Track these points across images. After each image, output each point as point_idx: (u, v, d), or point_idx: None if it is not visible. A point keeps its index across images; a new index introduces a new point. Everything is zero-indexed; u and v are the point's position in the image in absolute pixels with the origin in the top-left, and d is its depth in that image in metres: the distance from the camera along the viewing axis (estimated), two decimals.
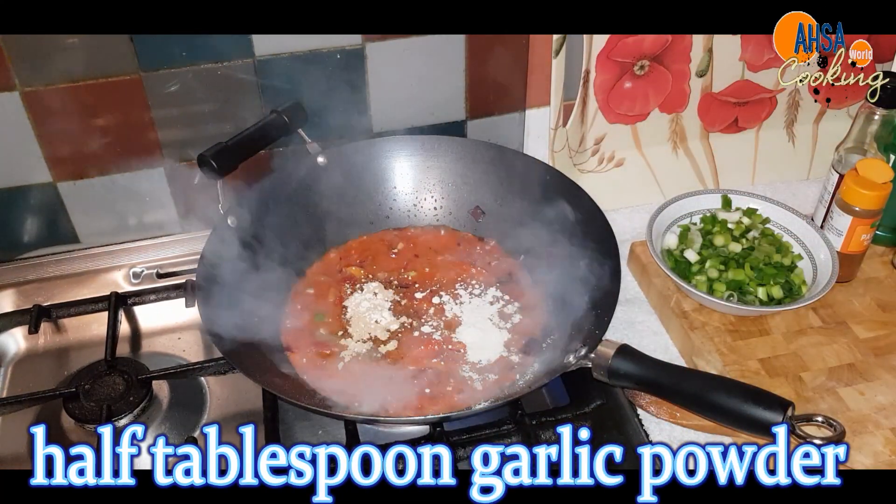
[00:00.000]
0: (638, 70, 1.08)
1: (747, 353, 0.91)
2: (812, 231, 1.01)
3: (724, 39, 1.08)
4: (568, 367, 0.82)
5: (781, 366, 0.90)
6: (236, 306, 0.90)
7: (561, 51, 1.04)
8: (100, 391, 0.92)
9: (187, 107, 1.02)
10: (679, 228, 1.05)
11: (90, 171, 1.04)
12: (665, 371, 0.79)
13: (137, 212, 1.10)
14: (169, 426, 0.93)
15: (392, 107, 1.11)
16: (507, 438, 0.87)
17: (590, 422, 0.89)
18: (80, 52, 0.94)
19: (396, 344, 0.95)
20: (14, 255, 1.09)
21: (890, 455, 0.81)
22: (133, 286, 1.08)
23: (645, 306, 1.02)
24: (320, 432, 0.93)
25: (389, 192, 1.11)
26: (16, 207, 1.05)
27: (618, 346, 0.80)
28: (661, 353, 0.94)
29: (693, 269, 0.99)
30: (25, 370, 1.00)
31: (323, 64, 1.03)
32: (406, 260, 1.06)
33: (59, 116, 0.98)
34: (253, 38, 0.99)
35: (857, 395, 0.87)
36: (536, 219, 1.04)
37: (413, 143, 1.10)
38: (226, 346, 0.85)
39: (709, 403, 0.76)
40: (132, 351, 1.02)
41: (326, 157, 1.06)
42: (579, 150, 1.14)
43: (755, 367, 0.90)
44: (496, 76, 1.12)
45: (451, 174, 1.10)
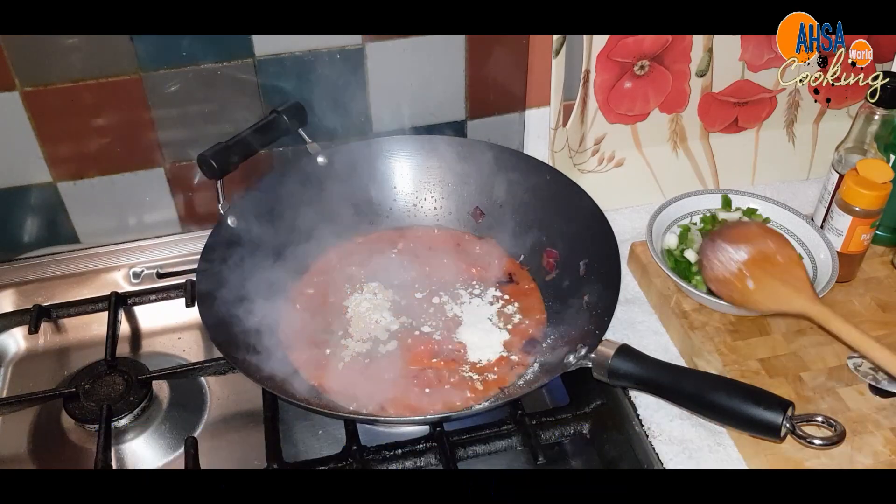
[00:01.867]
0: (638, 70, 1.08)
1: (747, 353, 0.91)
2: (812, 231, 1.01)
3: (724, 39, 1.08)
4: (568, 367, 0.82)
5: (781, 366, 0.90)
6: (236, 306, 0.90)
7: (561, 51, 1.04)
8: (100, 391, 0.92)
9: (187, 107, 1.02)
10: (679, 228, 1.05)
11: (90, 171, 1.04)
12: (665, 371, 0.79)
13: (137, 212, 1.10)
14: (169, 426, 0.93)
15: (392, 107, 1.11)
16: (507, 438, 0.87)
17: (590, 422, 0.89)
18: (80, 52, 0.94)
19: (396, 344, 0.95)
20: (14, 255, 1.09)
21: (890, 455, 0.81)
22: (133, 286, 1.08)
23: (645, 306, 1.02)
24: (320, 432, 0.93)
25: (389, 192, 1.11)
26: (16, 207, 1.05)
27: (618, 346, 0.80)
28: (661, 353, 0.94)
29: (693, 269, 0.99)
30: (25, 370, 1.00)
31: (323, 64, 1.03)
32: (406, 260, 1.06)
33: (59, 116, 0.98)
34: (253, 38, 0.99)
35: (857, 395, 0.87)
36: (536, 219, 1.04)
37: (413, 143, 1.10)
38: (226, 346, 0.85)
39: (709, 403, 0.76)
40: (132, 351, 1.02)
41: (326, 157, 1.06)
42: (579, 150, 1.14)
43: (755, 367, 0.90)
44: (496, 76, 1.12)
45: (451, 174, 1.10)
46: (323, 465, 0.84)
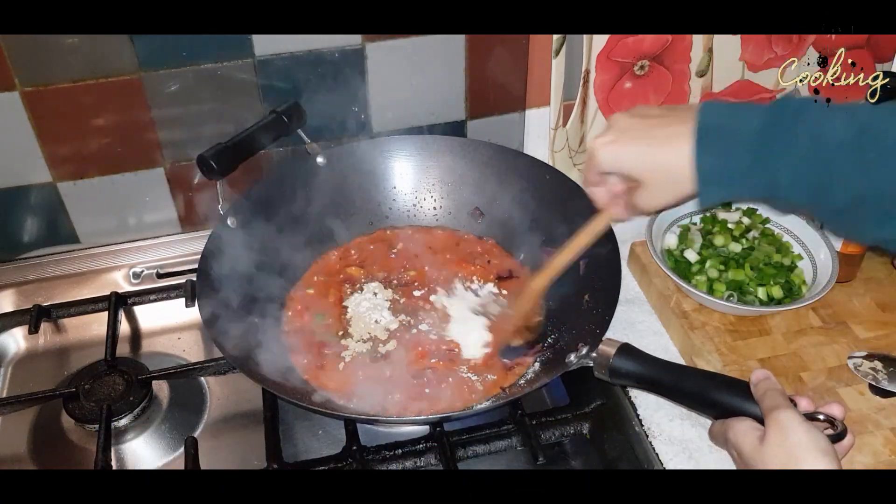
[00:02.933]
0: (638, 70, 1.08)
1: (747, 353, 0.91)
2: (812, 231, 1.01)
3: (724, 39, 1.08)
4: (569, 367, 0.82)
5: (781, 366, 0.90)
6: (236, 306, 0.90)
7: (561, 51, 1.04)
8: (100, 391, 0.92)
9: (187, 107, 1.02)
10: (679, 228, 1.05)
11: (90, 171, 1.04)
12: (667, 369, 0.79)
13: (137, 212, 1.10)
14: (169, 426, 0.93)
15: (392, 107, 1.11)
16: (507, 438, 0.87)
17: (590, 422, 0.89)
18: (80, 52, 0.94)
19: (396, 343, 0.95)
20: (14, 255, 1.09)
21: (890, 455, 0.81)
22: (133, 286, 1.08)
23: (645, 306, 1.02)
24: (320, 432, 0.93)
25: (389, 192, 1.11)
26: (16, 207, 1.05)
27: (619, 344, 0.80)
28: (661, 353, 0.94)
29: (693, 269, 0.99)
30: (25, 370, 1.00)
31: (323, 64, 1.03)
32: (406, 260, 1.06)
33: (59, 116, 0.98)
34: (253, 38, 0.99)
35: (857, 395, 0.87)
36: (536, 219, 1.04)
37: (413, 143, 1.10)
38: (226, 346, 0.85)
39: (710, 402, 0.76)
40: (132, 351, 1.03)
41: (326, 157, 1.06)
42: (579, 150, 1.14)
43: (755, 367, 0.90)
44: (496, 76, 1.12)
45: (451, 174, 1.10)
46: (323, 465, 0.84)
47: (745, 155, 0.73)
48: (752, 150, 0.72)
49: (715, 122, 0.74)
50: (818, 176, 0.71)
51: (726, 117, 0.75)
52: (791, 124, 0.72)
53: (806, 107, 0.72)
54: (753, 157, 0.72)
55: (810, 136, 0.71)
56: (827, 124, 0.71)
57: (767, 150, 0.72)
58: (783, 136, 0.72)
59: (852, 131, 0.70)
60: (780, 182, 0.72)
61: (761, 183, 0.73)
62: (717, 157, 0.74)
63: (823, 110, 0.72)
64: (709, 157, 0.74)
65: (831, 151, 0.70)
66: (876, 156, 0.69)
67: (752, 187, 0.74)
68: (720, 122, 0.74)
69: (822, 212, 0.77)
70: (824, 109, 0.72)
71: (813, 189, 0.72)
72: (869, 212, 0.72)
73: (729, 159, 0.73)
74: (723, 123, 0.74)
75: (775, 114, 0.73)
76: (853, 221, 0.74)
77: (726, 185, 0.75)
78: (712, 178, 0.74)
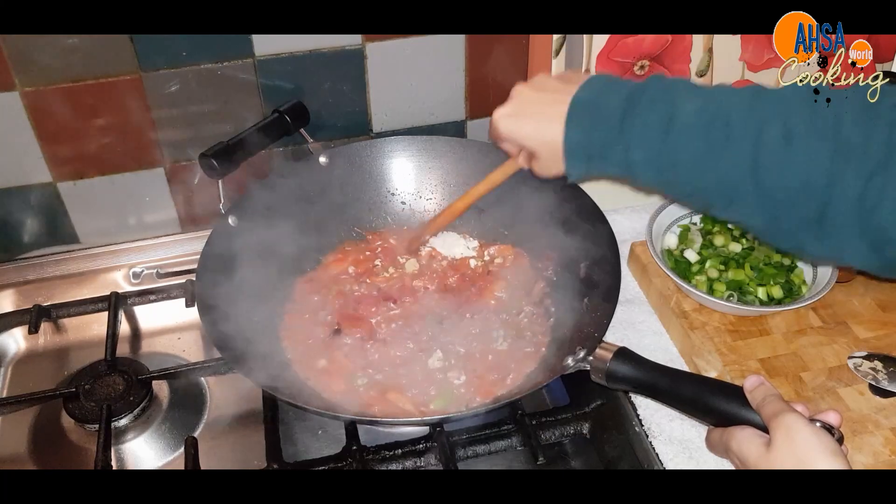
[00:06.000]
0: (638, 70, 1.08)
1: (747, 353, 0.91)
2: None
3: (724, 39, 1.08)
4: (566, 370, 0.82)
5: (781, 366, 0.90)
6: (236, 306, 0.90)
7: (561, 51, 1.04)
8: (100, 391, 0.92)
9: (187, 107, 1.02)
10: (679, 228, 1.05)
11: (90, 171, 1.04)
12: (664, 375, 0.78)
13: (137, 212, 1.10)
14: (169, 426, 0.93)
15: (392, 107, 1.11)
16: (507, 438, 0.87)
17: (590, 422, 0.89)
18: (80, 52, 0.95)
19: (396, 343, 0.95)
20: (14, 255, 1.09)
21: (890, 455, 0.81)
22: (133, 286, 1.08)
23: (645, 306, 1.02)
24: (320, 432, 0.93)
25: (390, 192, 1.11)
26: (16, 207, 1.05)
27: (616, 349, 0.79)
28: (660, 353, 0.94)
29: (693, 269, 0.99)
30: (25, 370, 1.01)
31: (323, 64, 1.03)
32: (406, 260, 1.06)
33: (59, 116, 0.98)
34: (253, 38, 0.99)
35: (857, 395, 0.87)
36: (536, 219, 1.04)
37: (413, 144, 1.10)
38: (226, 347, 0.85)
39: (708, 407, 0.75)
40: (132, 351, 1.03)
41: (328, 157, 1.06)
42: None
43: (755, 367, 0.90)
44: (496, 76, 1.12)
45: (452, 174, 1.10)
46: (323, 465, 0.84)
47: (606, 131, 0.75)
48: (612, 126, 0.74)
49: (587, 98, 0.77)
50: (666, 157, 0.73)
51: (598, 93, 0.77)
52: (650, 103, 0.73)
53: (672, 87, 0.74)
54: (612, 134, 0.74)
55: (664, 116, 0.72)
56: (683, 107, 0.72)
57: (625, 127, 0.74)
58: (641, 114, 0.73)
59: (705, 116, 0.71)
60: (634, 160, 0.74)
61: (617, 159, 0.75)
62: (582, 131, 0.76)
63: (687, 92, 0.74)
64: (574, 132, 0.77)
65: (680, 134, 0.71)
66: (722, 142, 0.70)
67: (611, 164, 0.77)
68: (592, 97, 0.77)
69: (673, 193, 0.81)
70: (688, 91, 0.74)
71: (661, 170, 0.73)
72: (712, 197, 0.73)
73: (591, 134, 0.76)
74: (593, 99, 0.77)
75: (641, 91, 0.74)
76: (700, 205, 0.79)
77: (588, 159, 0.78)
78: (576, 152, 0.77)
